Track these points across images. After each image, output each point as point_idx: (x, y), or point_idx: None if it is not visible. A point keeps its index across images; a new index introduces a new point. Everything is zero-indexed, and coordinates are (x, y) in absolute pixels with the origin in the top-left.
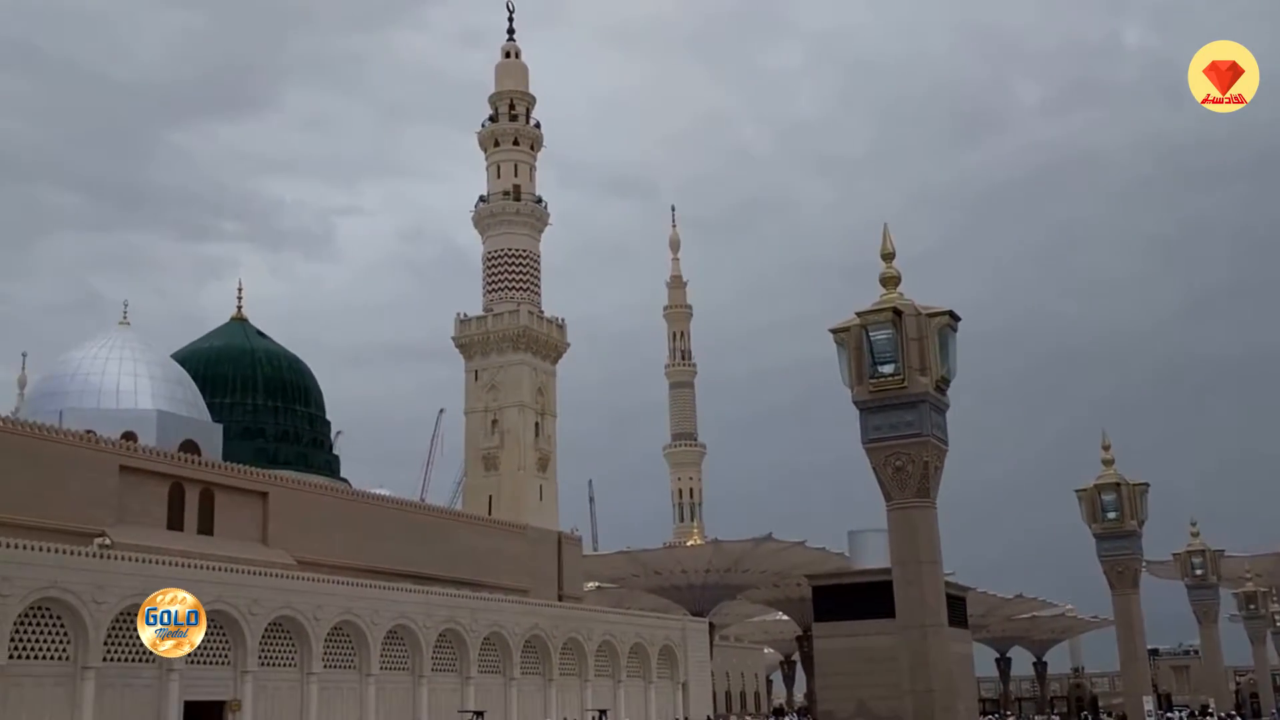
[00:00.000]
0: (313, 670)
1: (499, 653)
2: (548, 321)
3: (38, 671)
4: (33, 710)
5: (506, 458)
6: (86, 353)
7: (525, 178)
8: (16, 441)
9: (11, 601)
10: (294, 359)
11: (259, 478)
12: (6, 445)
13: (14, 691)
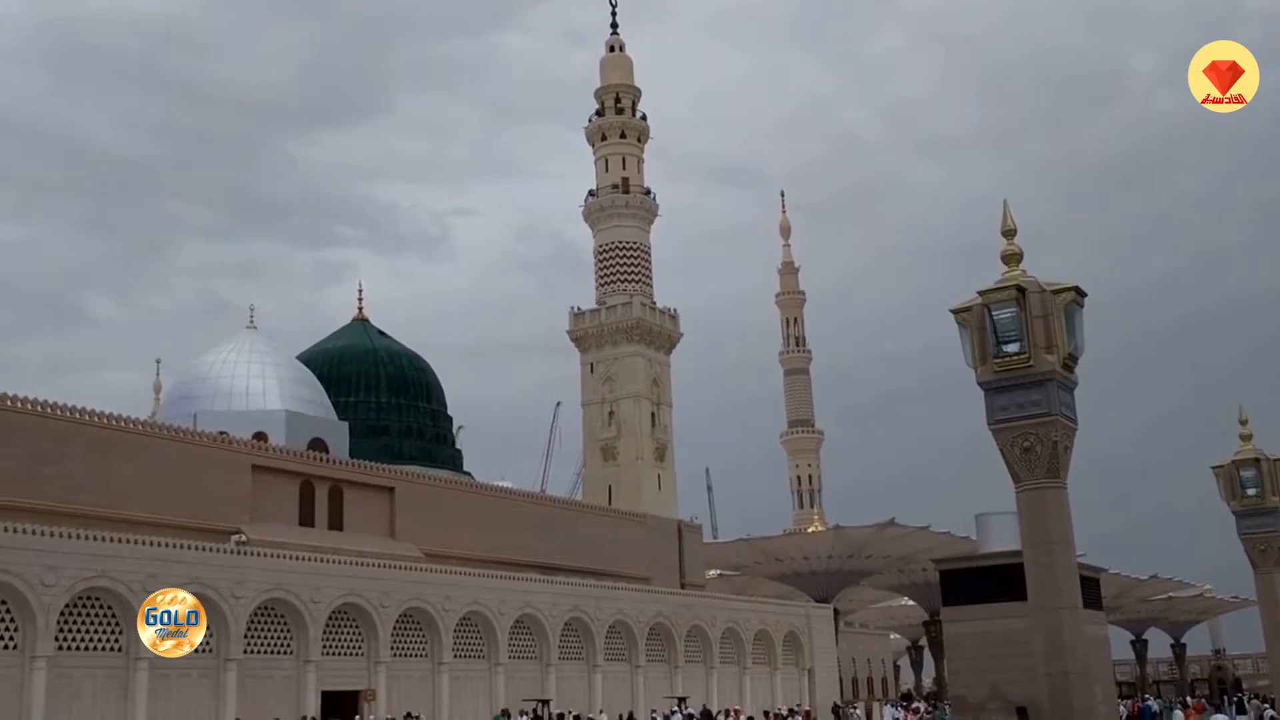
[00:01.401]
0: (443, 660)
1: (624, 641)
2: (660, 312)
3: (183, 665)
4: (181, 702)
5: (624, 448)
6: (217, 357)
7: (633, 170)
8: (155, 444)
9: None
10: (415, 357)
11: (385, 473)
12: (146, 448)
13: (162, 684)
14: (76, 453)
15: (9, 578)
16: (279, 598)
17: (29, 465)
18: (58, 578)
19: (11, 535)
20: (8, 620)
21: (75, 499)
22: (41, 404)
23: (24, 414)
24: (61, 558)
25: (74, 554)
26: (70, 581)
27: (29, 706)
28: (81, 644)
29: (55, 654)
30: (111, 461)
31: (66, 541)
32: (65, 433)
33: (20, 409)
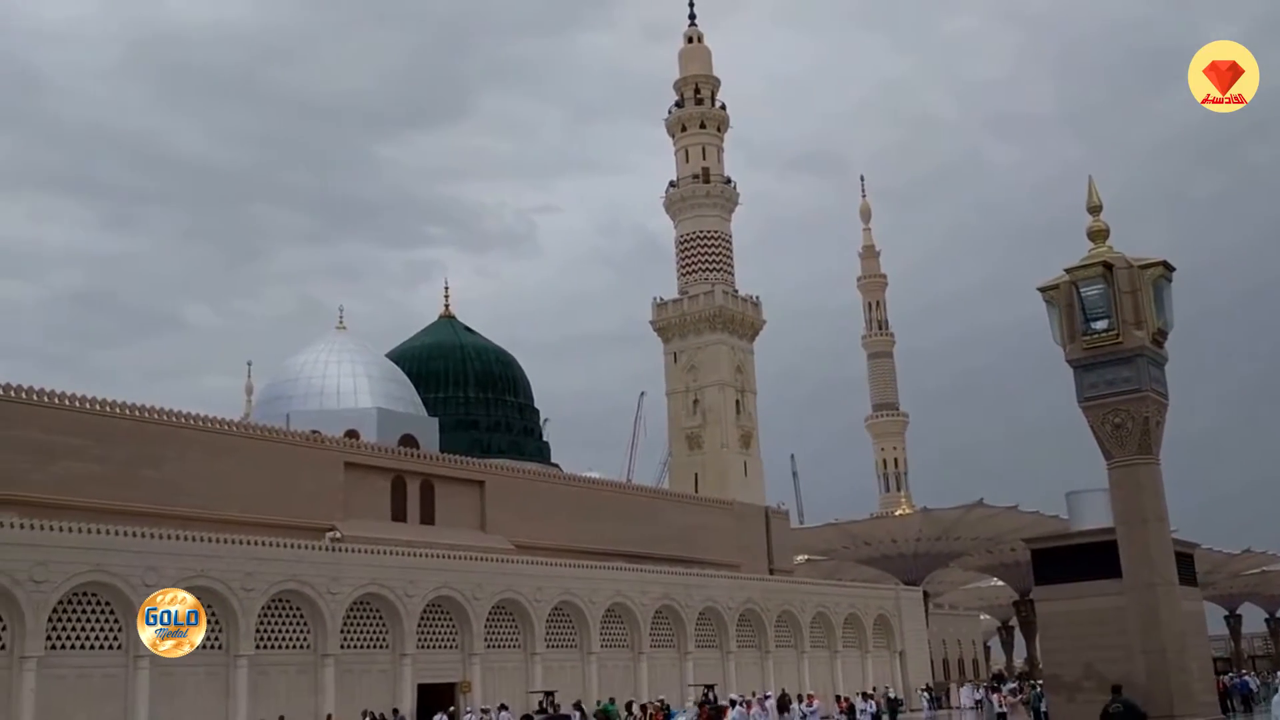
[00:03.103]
0: (536, 650)
1: (715, 627)
2: (743, 300)
3: (282, 660)
4: (280, 697)
5: (709, 436)
6: (308, 357)
7: (713, 160)
8: (249, 445)
9: (255, 595)
10: (501, 352)
11: (475, 467)
12: (241, 449)
13: (262, 680)
14: (174, 455)
15: (112, 579)
16: (374, 593)
17: (129, 469)
18: (159, 578)
19: (114, 538)
20: (112, 621)
21: (174, 501)
22: (141, 409)
23: (124, 419)
24: (162, 559)
25: (174, 555)
26: (171, 582)
27: (133, 705)
28: None
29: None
30: (208, 463)
31: (167, 543)
32: (164, 436)
33: (121, 414)
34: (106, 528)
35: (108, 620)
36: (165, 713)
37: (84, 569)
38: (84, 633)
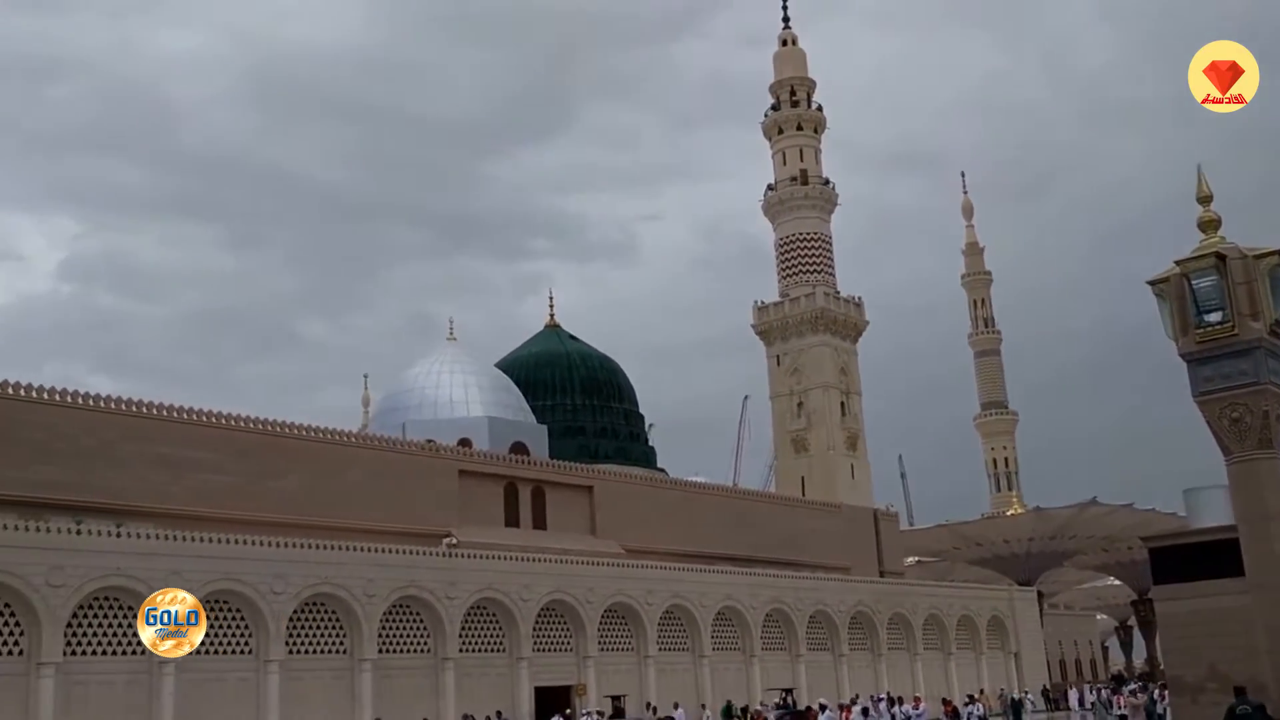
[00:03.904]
0: (649, 653)
1: (826, 630)
2: (845, 301)
3: (405, 665)
4: (403, 700)
5: (815, 439)
6: (421, 369)
7: (811, 161)
8: (368, 455)
9: (377, 601)
10: (605, 359)
11: (584, 473)
12: (359, 459)
13: (385, 684)
14: (298, 467)
15: (243, 587)
16: (490, 597)
17: (254, 480)
18: (285, 586)
19: (243, 547)
20: (243, 627)
21: (297, 510)
22: (266, 422)
23: (249, 433)
24: (288, 566)
25: (300, 563)
26: (297, 589)
27: (265, 708)
28: (310, 648)
29: (286, 658)
30: (330, 473)
31: (292, 551)
32: (288, 448)
33: (248, 428)
34: (236, 537)
35: (239, 626)
36: (294, 716)
37: (216, 577)
38: (217, 638)
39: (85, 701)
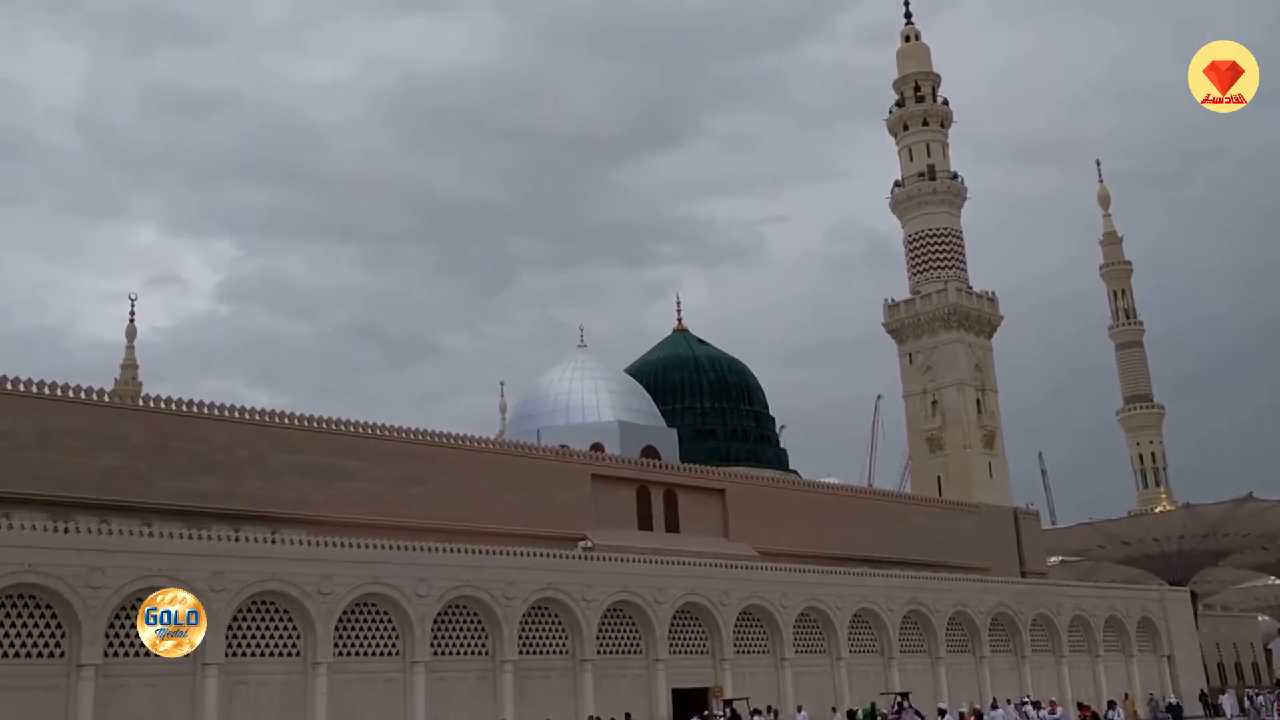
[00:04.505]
0: (785, 656)
1: (966, 632)
2: (978, 296)
3: (543, 666)
4: (543, 701)
5: (950, 437)
6: (553, 376)
7: (938, 156)
8: (504, 460)
9: (516, 603)
10: (734, 361)
11: (715, 476)
12: (497, 465)
13: (526, 685)
14: (439, 473)
15: (389, 590)
16: (625, 600)
17: (399, 487)
18: (429, 589)
19: (388, 551)
20: (390, 629)
21: (438, 516)
22: (408, 431)
23: (394, 441)
24: (431, 570)
25: (442, 566)
26: (440, 592)
27: (412, 708)
28: (454, 649)
29: (431, 659)
30: (468, 479)
31: (435, 555)
32: (429, 456)
33: (391, 437)
34: (381, 542)
35: (386, 629)
36: (440, 715)
37: (364, 581)
38: (366, 641)
39: (245, 700)
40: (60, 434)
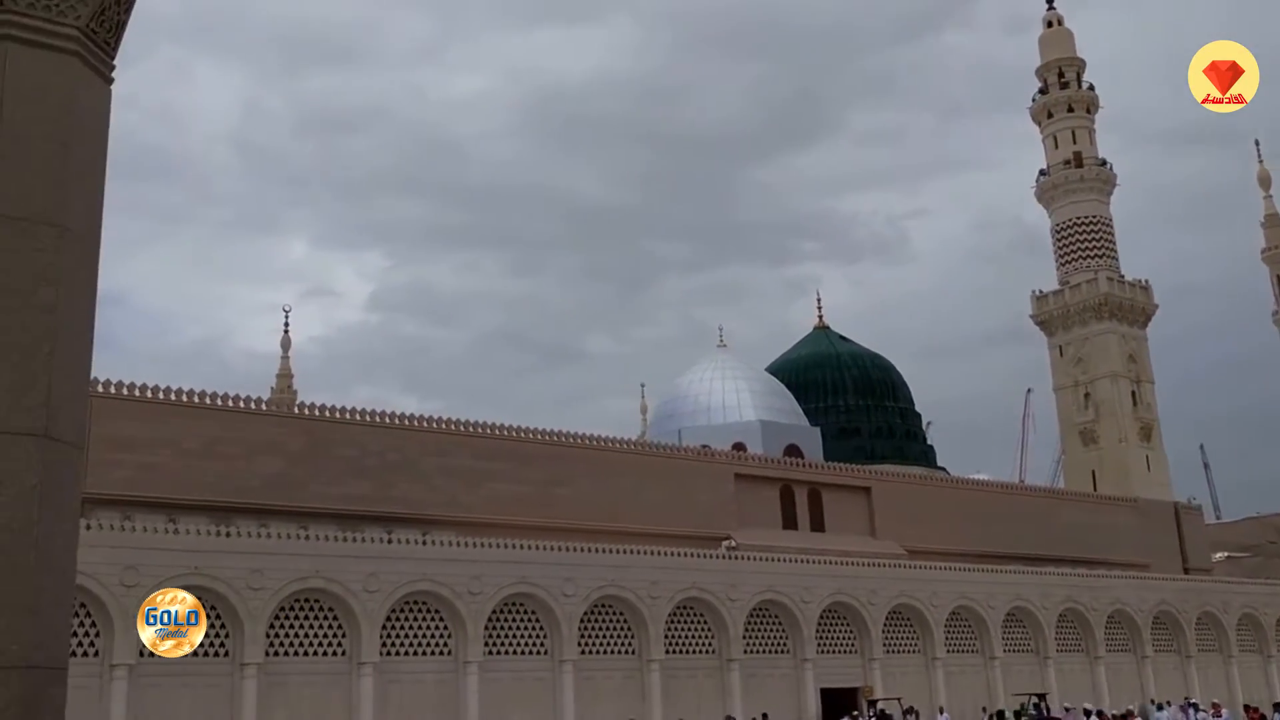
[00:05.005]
0: (936, 655)
1: (1126, 631)
2: (1130, 285)
3: (690, 666)
4: (690, 700)
5: (1104, 431)
6: (694, 376)
7: (1085, 143)
8: (648, 461)
9: (661, 603)
10: (877, 357)
11: (861, 474)
12: (640, 465)
13: (672, 684)
14: (583, 474)
15: (536, 590)
16: (771, 599)
17: (545, 488)
18: (576, 588)
19: (535, 552)
20: (538, 628)
21: (582, 516)
22: (553, 434)
23: (539, 444)
24: (578, 569)
25: (587, 566)
26: (586, 591)
27: (561, 706)
28: (600, 649)
29: (579, 658)
30: (612, 480)
31: (581, 555)
32: (573, 457)
33: (537, 440)
34: (529, 543)
35: (535, 628)
36: (589, 713)
37: (512, 581)
38: (515, 639)
39: (400, 698)
40: (222, 442)
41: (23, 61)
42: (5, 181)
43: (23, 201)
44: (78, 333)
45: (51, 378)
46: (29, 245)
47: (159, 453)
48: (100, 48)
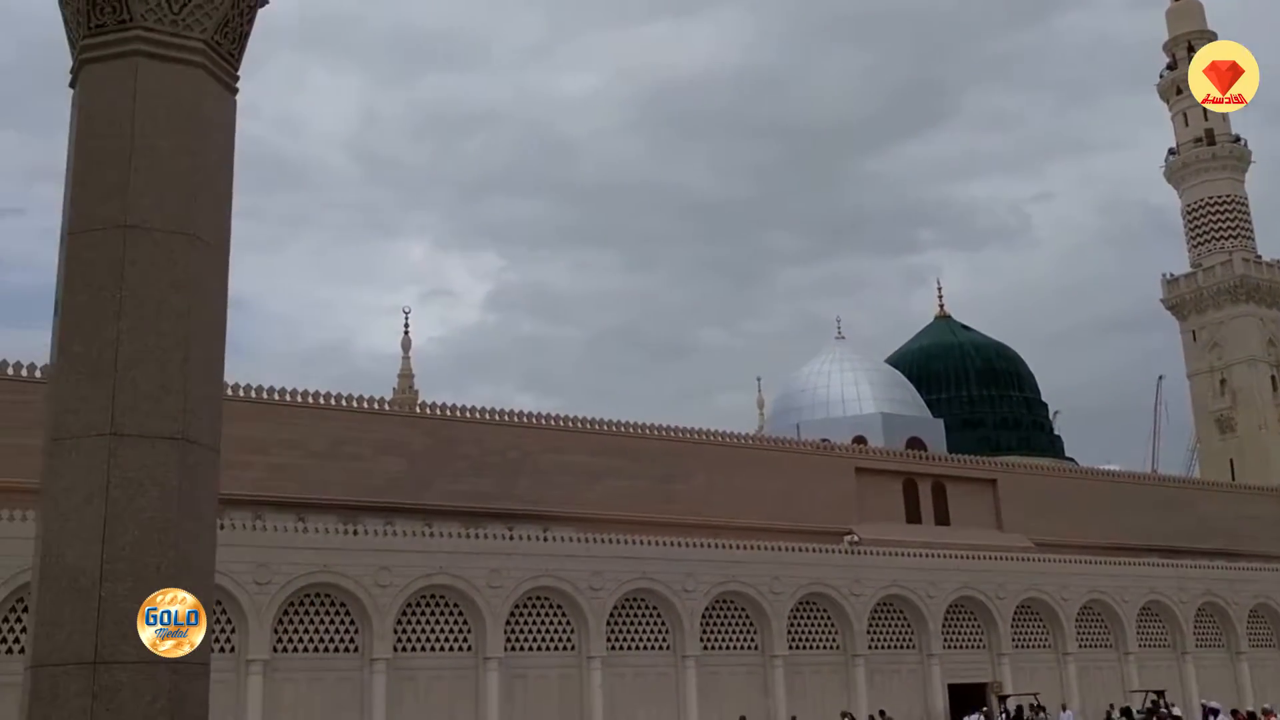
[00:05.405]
0: (1068, 650)
1: (1270, 627)
2: (1269, 266)
3: (815, 661)
4: (814, 696)
5: (1242, 418)
6: (812, 369)
7: (1217, 119)
8: (766, 456)
9: (783, 599)
10: (1001, 347)
11: (986, 466)
12: (757, 460)
13: (797, 679)
14: (699, 470)
15: (657, 586)
16: (895, 594)
17: (662, 484)
18: (696, 584)
19: (655, 548)
20: (660, 624)
21: (700, 512)
22: (669, 429)
23: (656, 440)
24: (697, 566)
25: (708, 562)
26: (707, 587)
27: (684, 701)
28: (723, 644)
29: (702, 654)
30: (729, 475)
31: (701, 551)
32: (689, 453)
33: (652, 436)
34: (649, 539)
35: (657, 624)
36: (712, 709)
37: (633, 577)
38: (637, 635)
39: (524, 693)
40: (348, 442)
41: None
42: (138, 194)
43: (155, 213)
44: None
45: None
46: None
47: (288, 454)
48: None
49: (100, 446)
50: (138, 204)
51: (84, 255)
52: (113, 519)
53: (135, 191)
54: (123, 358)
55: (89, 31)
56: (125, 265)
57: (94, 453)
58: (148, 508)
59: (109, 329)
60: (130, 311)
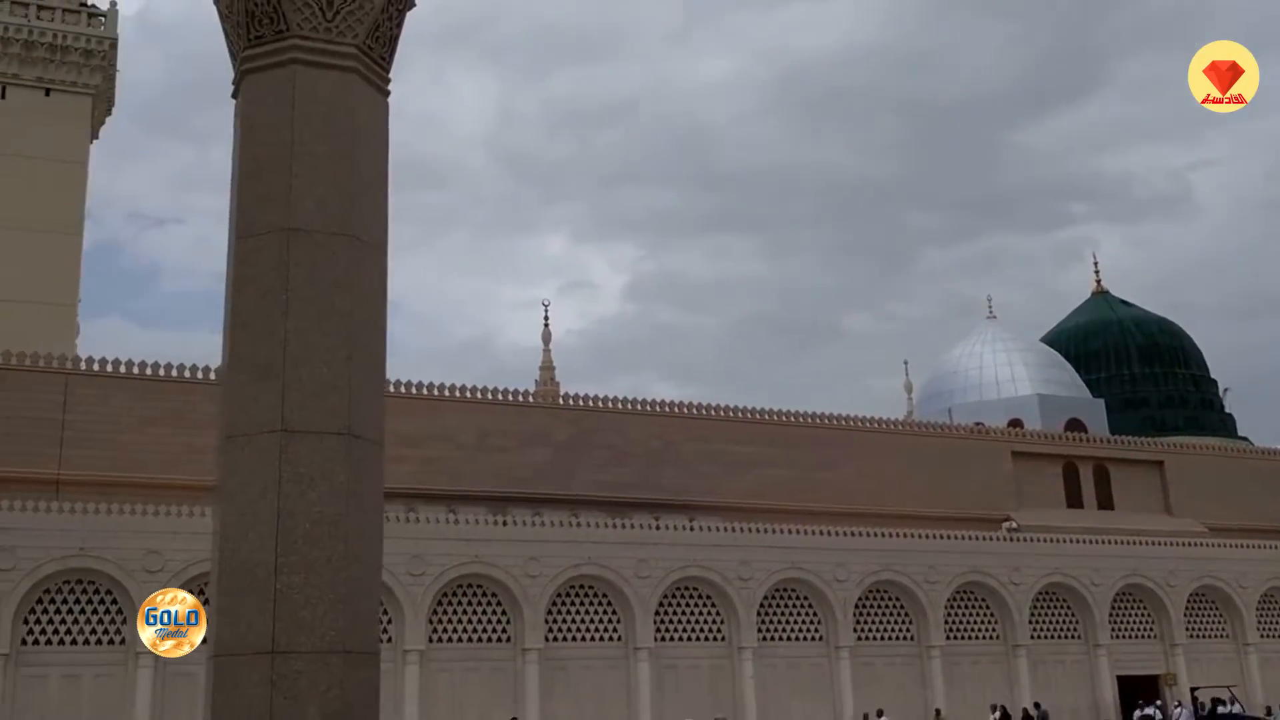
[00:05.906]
0: (1248, 641)
1: None
2: None
3: (974, 653)
4: (973, 687)
5: None
6: (962, 350)
7: None
8: (917, 441)
9: (939, 588)
10: (1164, 322)
11: (1151, 447)
12: (907, 445)
13: (954, 671)
14: (848, 457)
15: (807, 575)
16: (1058, 582)
17: (809, 471)
18: (847, 574)
19: (804, 536)
20: (811, 615)
21: (849, 500)
22: (816, 417)
23: (802, 427)
24: (848, 555)
25: (860, 550)
26: (859, 576)
27: (839, 692)
28: (877, 634)
29: (855, 644)
30: (878, 462)
31: (852, 540)
32: (837, 440)
33: (799, 423)
34: (798, 528)
35: (808, 614)
36: (867, 699)
37: (782, 566)
38: (788, 626)
39: (675, 683)
40: (494, 434)
41: (308, 81)
42: (300, 197)
43: (316, 215)
44: (373, 336)
45: (352, 379)
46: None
47: (439, 447)
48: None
49: (272, 443)
50: (299, 207)
51: (250, 259)
52: (285, 513)
53: (297, 195)
54: (290, 356)
55: (249, 43)
56: (290, 267)
57: (266, 449)
58: (318, 502)
59: (277, 329)
60: (296, 311)
